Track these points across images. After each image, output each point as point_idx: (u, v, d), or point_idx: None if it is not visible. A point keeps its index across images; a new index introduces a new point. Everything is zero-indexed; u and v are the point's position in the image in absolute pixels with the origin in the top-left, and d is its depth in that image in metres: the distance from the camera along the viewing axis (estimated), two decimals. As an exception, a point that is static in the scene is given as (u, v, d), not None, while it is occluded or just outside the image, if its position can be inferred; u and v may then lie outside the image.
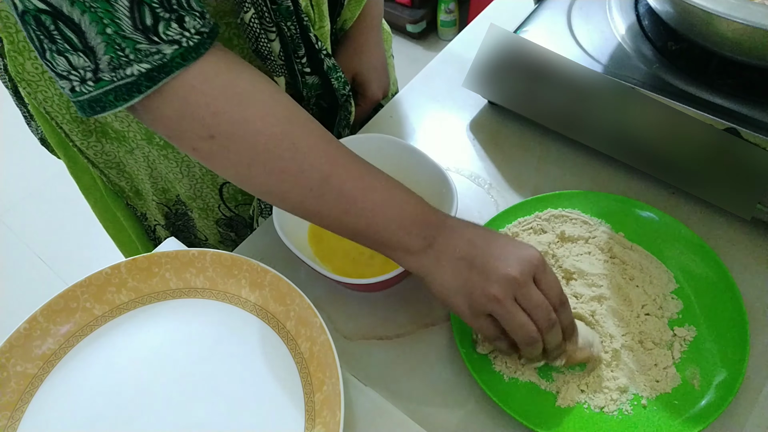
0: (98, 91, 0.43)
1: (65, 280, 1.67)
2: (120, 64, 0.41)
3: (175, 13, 0.42)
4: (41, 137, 0.76)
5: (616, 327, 0.53)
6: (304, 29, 0.62)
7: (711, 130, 0.57)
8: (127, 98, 0.43)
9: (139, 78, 0.42)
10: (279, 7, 0.58)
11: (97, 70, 0.42)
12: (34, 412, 0.51)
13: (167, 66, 0.42)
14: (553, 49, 0.64)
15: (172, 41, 0.42)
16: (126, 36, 0.41)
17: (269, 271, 0.55)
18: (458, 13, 2.18)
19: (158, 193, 0.76)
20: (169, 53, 0.42)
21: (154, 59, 0.42)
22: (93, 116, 0.45)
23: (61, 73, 0.43)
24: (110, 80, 0.42)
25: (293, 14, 0.59)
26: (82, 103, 0.44)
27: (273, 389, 0.51)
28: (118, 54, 0.41)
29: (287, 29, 0.60)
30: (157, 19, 0.41)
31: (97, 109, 0.44)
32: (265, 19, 0.57)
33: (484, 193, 0.67)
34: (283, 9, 0.58)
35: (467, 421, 0.52)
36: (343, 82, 0.69)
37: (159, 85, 0.43)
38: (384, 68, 0.80)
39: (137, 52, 0.41)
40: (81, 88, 0.43)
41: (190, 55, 0.43)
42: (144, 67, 0.42)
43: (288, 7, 0.58)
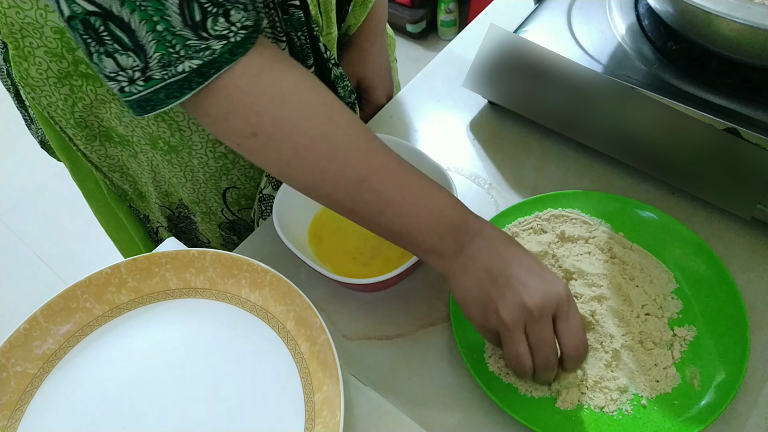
0: (148, 90, 0.43)
1: (65, 280, 1.67)
2: (171, 61, 0.42)
3: (222, 8, 0.42)
4: (41, 140, 0.76)
5: (616, 327, 0.53)
6: (313, 38, 0.62)
7: (711, 130, 0.57)
8: (178, 95, 0.44)
9: (190, 74, 0.43)
10: (291, 17, 0.58)
11: (147, 69, 0.42)
12: (34, 412, 0.51)
13: (216, 61, 0.43)
14: (553, 49, 0.64)
15: (220, 36, 0.42)
16: (176, 33, 0.41)
17: (269, 271, 0.55)
18: (458, 13, 2.18)
19: (161, 196, 0.76)
20: (218, 48, 0.42)
21: (204, 55, 0.42)
22: (143, 115, 0.45)
23: (108, 75, 0.43)
24: (161, 78, 0.43)
25: (304, 24, 0.59)
26: (131, 102, 0.44)
27: (273, 389, 0.51)
28: (169, 51, 0.42)
29: (297, 39, 0.60)
30: (206, 14, 0.42)
31: (147, 108, 0.44)
32: (276, 29, 0.58)
33: (484, 193, 0.67)
34: (295, 19, 0.58)
35: (467, 421, 0.52)
36: (349, 90, 0.69)
37: (209, 81, 0.43)
38: (388, 73, 0.80)
39: (187, 48, 0.42)
40: (130, 88, 0.43)
41: (237, 50, 0.43)
42: (195, 63, 0.42)
43: (299, 17, 0.58)
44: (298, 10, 0.58)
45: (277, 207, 0.59)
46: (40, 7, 0.55)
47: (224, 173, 0.70)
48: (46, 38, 0.57)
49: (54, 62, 0.59)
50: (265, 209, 0.70)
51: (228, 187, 0.72)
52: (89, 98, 0.63)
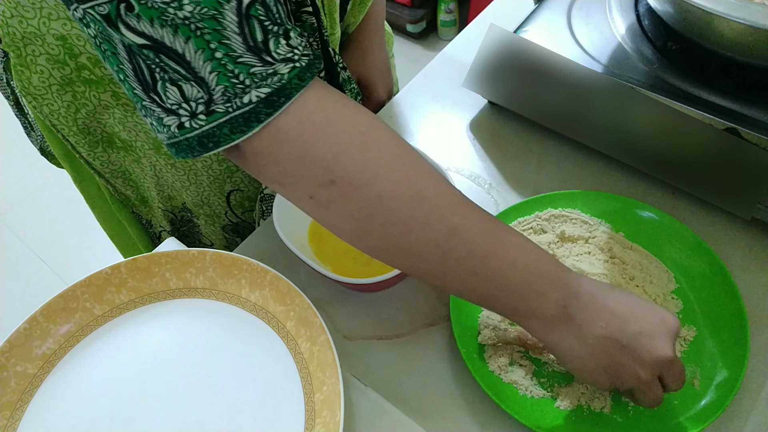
0: (210, 125, 0.38)
1: (65, 280, 1.67)
2: (236, 92, 0.37)
3: (282, 27, 0.38)
4: (41, 147, 0.76)
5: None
6: (324, 43, 0.62)
7: (711, 130, 0.57)
8: (244, 129, 0.38)
9: (257, 105, 0.37)
10: (303, 24, 0.58)
11: (211, 102, 0.37)
12: (34, 412, 0.51)
13: (286, 88, 0.38)
14: (553, 49, 0.64)
15: (285, 59, 0.38)
16: (238, 60, 0.37)
17: (269, 271, 0.55)
18: (458, 13, 2.18)
19: (164, 200, 0.76)
20: (287, 73, 0.38)
21: (272, 81, 0.37)
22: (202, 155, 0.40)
23: (170, 108, 0.38)
24: (225, 111, 0.38)
25: (316, 30, 0.59)
26: (191, 139, 0.39)
27: (273, 389, 0.51)
28: (233, 82, 0.37)
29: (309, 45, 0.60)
30: (267, 34, 0.37)
31: (209, 146, 0.39)
32: None
33: (484, 193, 0.67)
34: (308, 26, 0.58)
35: (467, 421, 0.52)
36: (355, 93, 0.69)
37: (279, 111, 0.38)
38: (388, 70, 0.80)
39: (252, 76, 0.37)
40: (191, 122, 0.38)
41: (305, 74, 0.39)
42: (263, 92, 0.37)
43: (312, 23, 0.58)
44: (311, 17, 0.58)
45: (277, 207, 0.59)
46: (43, 15, 0.55)
47: (228, 176, 0.70)
48: (48, 45, 0.57)
49: (56, 69, 0.59)
50: (266, 209, 0.70)
51: (232, 189, 0.72)
52: (92, 104, 0.63)
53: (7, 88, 0.67)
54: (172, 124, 0.39)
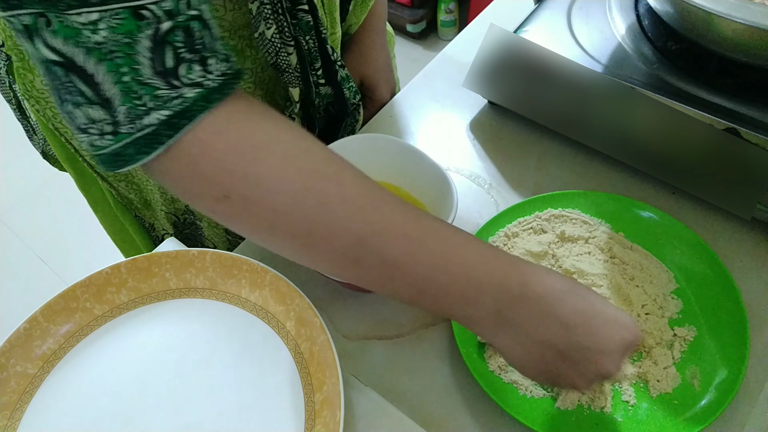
0: (117, 144, 0.38)
1: (65, 280, 1.67)
2: (138, 114, 0.37)
3: (198, 54, 0.38)
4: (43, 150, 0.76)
5: (616, 327, 0.53)
6: (322, 41, 0.62)
7: (711, 130, 0.57)
8: (147, 151, 0.38)
9: (158, 127, 0.38)
10: (299, 22, 0.58)
11: (116, 123, 0.38)
12: (34, 412, 0.51)
13: (189, 111, 0.38)
14: (553, 49, 0.64)
15: (193, 84, 0.38)
16: (143, 82, 0.37)
17: (269, 271, 0.55)
18: (458, 13, 2.18)
19: (167, 203, 0.76)
20: (191, 96, 0.38)
21: (174, 104, 0.37)
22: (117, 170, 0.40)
23: (80, 127, 0.39)
24: (128, 133, 0.38)
25: (312, 28, 0.59)
26: (103, 157, 0.39)
27: (273, 389, 0.51)
28: (136, 103, 0.37)
29: (305, 43, 0.60)
30: (179, 61, 0.37)
31: (119, 163, 0.39)
32: (284, 34, 0.57)
33: (484, 193, 0.67)
34: (303, 24, 0.58)
35: (467, 421, 0.52)
36: (354, 91, 0.69)
37: (181, 133, 0.38)
38: (390, 70, 0.81)
39: (156, 99, 0.37)
40: (101, 141, 0.39)
41: (213, 96, 0.38)
42: (164, 114, 0.37)
43: (308, 21, 0.58)
44: (307, 15, 0.58)
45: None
46: None
47: None
48: None
49: None
50: None
51: None
52: None
53: (10, 91, 0.67)
54: (84, 141, 0.39)
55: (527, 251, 0.58)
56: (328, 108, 0.71)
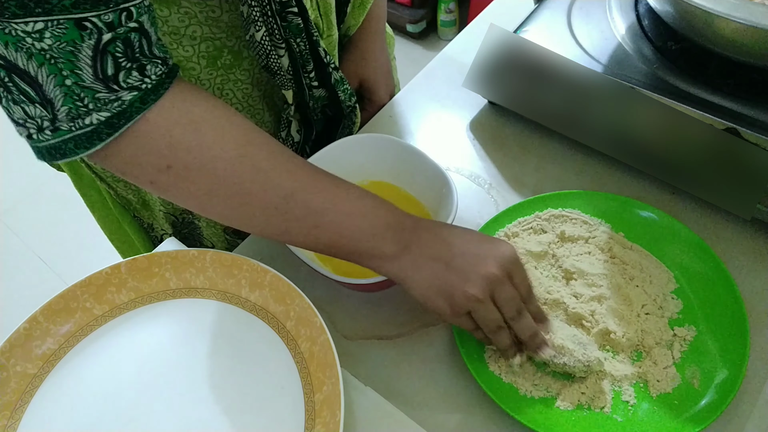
0: (56, 139, 0.42)
1: (65, 280, 1.67)
2: (79, 114, 0.40)
3: (137, 62, 0.41)
4: None
5: (617, 326, 0.53)
6: (313, 44, 0.62)
7: (711, 130, 0.57)
8: (87, 146, 0.42)
9: (98, 126, 0.41)
10: (289, 24, 0.58)
11: (55, 120, 0.41)
12: (34, 412, 0.51)
13: (127, 112, 0.42)
14: (553, 49, 0.64)
15: (131, 87, 0.41)
16: (85, 86, 0.40)
17: (269, 271, 0.55)
18: (458, 13, 2.18)
19: (166, 202, 0.76)
20: (128, 99, 0.41)
21: (113, 107, 0.41)
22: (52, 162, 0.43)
23: (17, 120, 0.42)
24: (68, 129, 0.41)
25: (303, 31, 0.59)
26: (41, 149, 0.43)
27: (273, 389, 0.51)
28: (77, 104, 0.40)
29: (296, 45, 0.60)
30: (119, 69, 0.40)
31: (56, 156, 0.43)
32: (275, 37, 0.57)
33: (484, 193, 0.67)
34: (293, 26, 0.58)
35: (467, 421, 0.52)
36: (349, 94, 0.69)
37: (119, 132, 0.42)
38: (389, 72, 0.81)
39: (96, 101, 0.40)
40: (38, 135, 0.42)
41: (149, 97, 0.42)
42: (103, 115, 0.41)
43: (298, 24, 0.58)
44: (297, 17, 0.58)
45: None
46: None
47: None
48: None
49: None
50: None
51: None
52: None
53: None
54: (22, 134, 0.42)
55: (527, 251, 0.58)
56: (324, 110, 0.71)
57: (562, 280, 0.57)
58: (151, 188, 0.46)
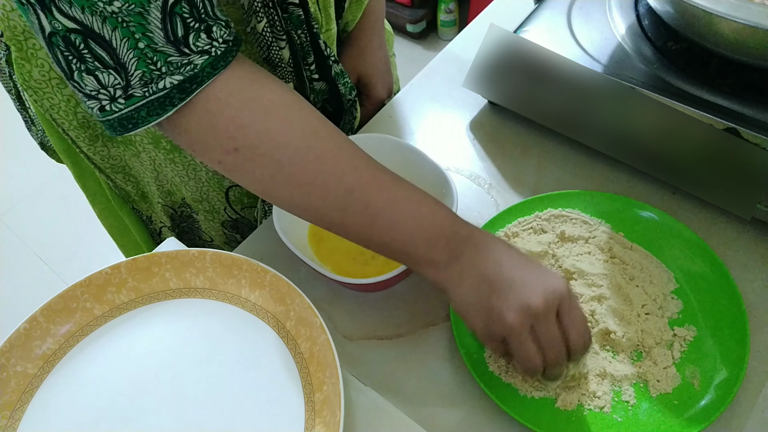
0: (129, 108, 0.43)
1: (65, 280, 1.67)
2: (152, 78, 0.41)
3: (204, 23, 0.42)
4: (41, 142, 0.77)
5: (617, 326, 0.53)
6: (314, 36, 0.62)
7: (711, 130, 0.57)
8: (160, 112, 0.43)
9: (171, 91, 0.42)
10: (290, 15, 0.58)
11: (128, 87, 0.42)
12: (34, 412, 0.51)
13: (198, 76, 0.42)
14: (553, 49, 0.64)
15: (201, 51, 0.42)
16: (158, 49, 0.41)
17: (269, 271, 0.55)
18: (458, 13, 2.18)
19: (164, 195, 0.76)
20: (200, 63, 0.42)
21: (186, 70, 0.42)
22: (124, 134, 0.44)
23: (89, 93, 0.42)
24: (142, 95, 0.42)
25: (304, 22, 0.59)
26: (112, 121, 0.43)
27: (273, 389, 0.51)
28: (150, 68, 0.41)
29: (297, 37, 0.60)
30: (188, 30, 0.41)
31: (129, 127, 0.44)
32: (276, 28, 0.58)
33: (484, 193, 0.67)
34: (294, 17, 0.58)
35: (467, 421, 0.52)
36: (349, 87, 0.69)
37: (191, 96, 0.43)
38: (388, 68, 0.80)
39: (169, 65, 0.41)
40: (111, 106, 0.43)
41: (218, 63, 0.43)
42: (176, 79, 0.42)
43: (299, 15, 0.59)
44: (298, 8, 0.58)
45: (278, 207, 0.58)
46: None
47: None
48: None
49: None
50: (269, 208, 0.70)
51: (231, 185, 0.72)
52: None
53: (10, 81, 0.67)
54: (94, 107, 0.43)
55: (527, 251, 0.58)
56: (325, 106, 0.72)
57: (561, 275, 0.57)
58: (219, 167, 0.46)
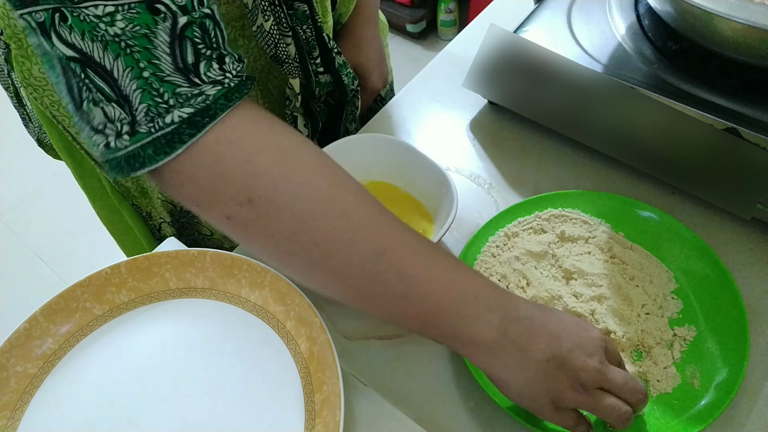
0: (135, 145, 0.38)
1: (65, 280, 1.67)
2: (159, 112, 0.37)
3: (217, 51, 0.38)
4: (38, 138, 0.77)
5: (617, 326, 0.53)
6: (318, 30, 0.62)
7: (711, 130, 0.57)
8: (168, 151, 0.38)
9: (180, 126, 0.37)
10: (296, 12, 0.58)
11: (134, 122, 0.37)
12: (34, 412, 0.51)
13: (211, 108, 0.38)
14: (553, 49, 0.64)
15: (214, 82, 0.38)
16: (164, 79, 0.37)
17: (269, 271, 0.55)
18: (458, 13, 2.19)
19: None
20: (213, 94, 0.38)
21: (197, 102, 0.37)
22: (131, 175, 0.39)
23: (96, 127, 0.38)
24: (147, 132, 0.37)
25: (309, 17, 0.60)
26: (119, 159, 0.38)
27: (273, 389, 0.51)
28: (156, 101, 0.37)
29: (302, 32, 0.60)
30: (199, 57, 0.37)
31: (135, 166, 0.38)
32: (282, 25, 0.58)
33: (484, 193, 0.67)
34: (300, 13, 0.59)
35: (467, 421, 0.52)
36: (352, 77, 0.70)
37: (202, 132, 0.37)
38: (383, 59, 0.81)
39: (177, 96, 0.37)
40: (116, 142, 0.38)
41: (233, 95, 0.38)
42: (186, 111, 0.37)
43: (304, 11, 0.59)
44: (303, 4, 0.59)
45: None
46: None
47: None
48: None
49: None
50: None
51: None
52: None
53: (8, 79, 0.67)
54: (100, 143, 0.39)
55: (527, 251, 0.58)
56: (327, 100, 0.72)
57: (562, 280, 0.57)
58: (228, 225, 0.40)
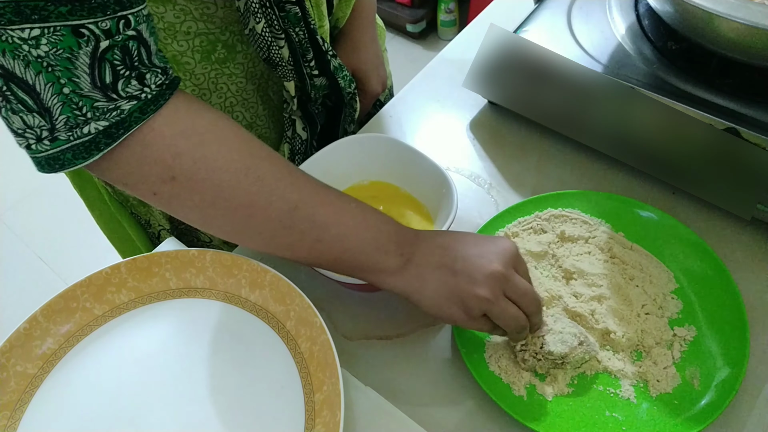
0: (54, 149, 0.41)
1: (65, 280, 1.67)
2: (77, 123, 0.40)
3: (136, 71, 0.41)
4: None
5: (616, 326, 0.53)
6: (311, 32, 0.62)
7: (711, 130, 0.57)
8: (86, 156, 0.42)
9: (97, 136, 0.41)
10: (287, 14, 0.58)
11: (54, 129, 0.40)
12: (34, 412, 0.51)
13: (126, 121, 0.41)
14: (553, 49, 0.64)
15: (130, 97, 0.41)
16: (83, 94, 0.40)
17: (269, 271, 0.55)
18: (458, 13, 2.19)
19: None
20: (128, 108, 0.41)
21: (112, 116, 0.41)
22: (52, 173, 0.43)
23: (16, 131, 0.41)
24: (66, 139, 0.41)
25: (301, 20, 0.60)
26: (40, 159, 0.42)
27: (273, 389, 0.51)
28: (75, 113, 0.40)
29: (295, 35, 0.60)
30: (117, 77, 0.40)
31: (56, 167, 0.42)
32: (274, 28, 0.58)
33: (484, 193, 0.67)
34: (291, 16, 0.59)
35: (467, 420, 0.52)
36: (348, 80, 0.70)
37: (117, 141, 0.42)
38: (381, 63, 0.81)
39: (95, 110, 0.40)
40: (37, 146, 0.41)
41: (148, 107, 0.42)
42: (102, 124, 0.41)
43: (296, 13, 0.59)
44: (294, 6, 0.59)
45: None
46: None
47: None
48: None
49: None
50: None
51: None
52: None
53: None
54: (21, 144, 0.42)
55: (527, 251, 0.58)
56: (325, 101, 0.72)
57: (562, 280, 0.57)
58: (153, 200, 0.45)
